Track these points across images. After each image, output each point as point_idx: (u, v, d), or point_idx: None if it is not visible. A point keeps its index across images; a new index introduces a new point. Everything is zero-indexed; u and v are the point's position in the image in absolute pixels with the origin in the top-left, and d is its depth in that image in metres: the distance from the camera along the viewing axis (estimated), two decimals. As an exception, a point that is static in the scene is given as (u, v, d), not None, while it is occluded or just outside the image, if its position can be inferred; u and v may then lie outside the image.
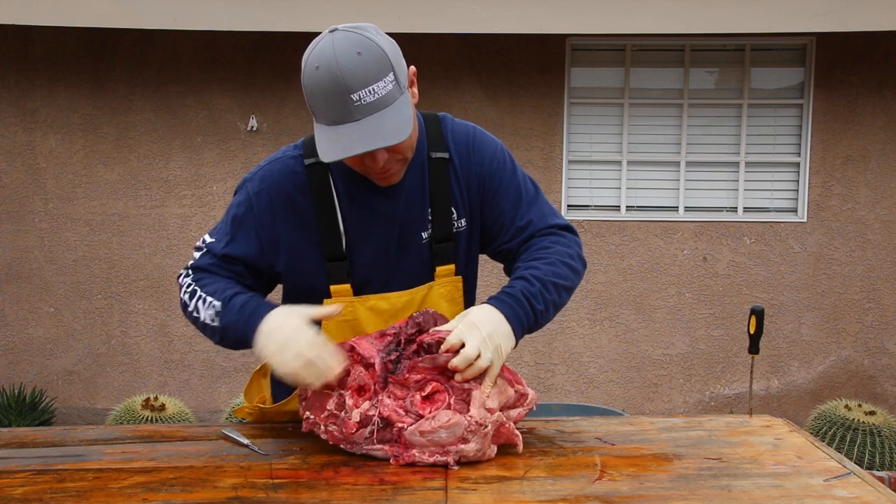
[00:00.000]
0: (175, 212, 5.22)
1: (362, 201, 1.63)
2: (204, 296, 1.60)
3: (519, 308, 1.54)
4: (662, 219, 5.22)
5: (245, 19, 4.62)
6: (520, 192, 1.70)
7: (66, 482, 1.41)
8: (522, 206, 1.69)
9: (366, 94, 1.42)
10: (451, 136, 1.68)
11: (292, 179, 1.63)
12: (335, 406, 1.53)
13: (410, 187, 1.64)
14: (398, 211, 1.64)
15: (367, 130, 1.43)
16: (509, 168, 1.71)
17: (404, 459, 1.46)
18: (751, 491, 1.34)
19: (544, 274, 1.59)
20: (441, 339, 1.48)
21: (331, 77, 1.41)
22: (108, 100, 5.18)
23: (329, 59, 1.42)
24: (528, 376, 5.13)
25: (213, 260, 1.65)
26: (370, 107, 1.43)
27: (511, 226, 1.68)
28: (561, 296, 1.61)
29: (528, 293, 1.56)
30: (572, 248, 1.67)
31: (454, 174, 1.67)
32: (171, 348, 5.29)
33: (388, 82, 1.44)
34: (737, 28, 4.69)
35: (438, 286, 1.68)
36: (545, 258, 1.62)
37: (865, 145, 5.14)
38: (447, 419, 1.45)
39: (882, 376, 5.25)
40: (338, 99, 1.42)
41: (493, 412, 1.47)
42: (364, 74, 1.42)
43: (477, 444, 1.46)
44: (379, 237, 1.64)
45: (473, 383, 1.48)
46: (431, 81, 5.11)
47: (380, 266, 1.66)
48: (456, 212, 1.67)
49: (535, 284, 1.57)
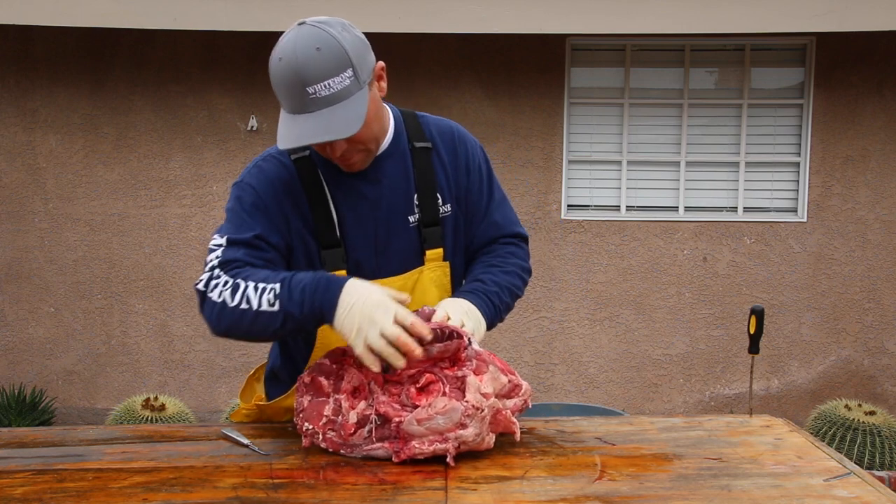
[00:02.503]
0: (175, 212, 5.23)
1: (348, 189, 1.70)
2: (253, 283, 1.53)
3: (485, 304, 1.70)
4: (662, 219, 5.22)
5: (245, 19, 4.62)
6: (492, 190, 1.84)
7: (66, 482, 1.41)
8: (493, 204, 1.84)
9: (321, 87, 1.49)
10: (432, 129, 1.78)
11: (284, 173, 1.69)
12: (332, 412, 1.53)
13: (393, 174, 1.71)
14: (383, 195, 1.71)
15: (319, 122, 1.51)
16: (487, 167, 1.85)
17: (405, 454, 1.46)
18: (751, 491, 1.34)
19: (501, 281, 1.76)
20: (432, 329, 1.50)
21: (290, 70, 1.50)
22: (108, 100, 5.18)
23: (290, 52, 1.50)
24: (528, 376, 5.13)
25: (242, 250, 1.59)
26: (325, 100, 1.50)
27: (482, 220, 1.82)
28: (512, 302, 1.79)
29: (487, 292, 1.72)
30: (526, 260, 1.86)
31: (439, 162, 1.77)
32: (171, 348, 5.29)
33: (346, 78, 1.51)
34: (737, 28, 4.69)
35: (429, 270, 1.75)
36: (504, 266, 1.79)
37: (865, 145, 5.14)
38: (443, 405, 1.45)
39: (882, 376, 5.25)
40: (295, 91, 1.51)
41: (488, 397, 1.48)
42: (321, 69, 1.49)
43: (476, 429, 1.46)
44: (368, 222, 1.70)
45: (467, 370, 1.49)
46: (431, 81, 5.11)
47: (370, 250, 1.71)
48: (441, 197, 1.76)
49: (493, 287, 1.73)
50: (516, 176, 5.16)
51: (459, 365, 1.51)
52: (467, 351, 1.51)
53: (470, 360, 1.51)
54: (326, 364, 1.57)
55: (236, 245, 1.60)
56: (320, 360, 1.58)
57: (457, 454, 1.46)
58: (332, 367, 1.56)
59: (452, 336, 1.51)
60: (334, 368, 1.56)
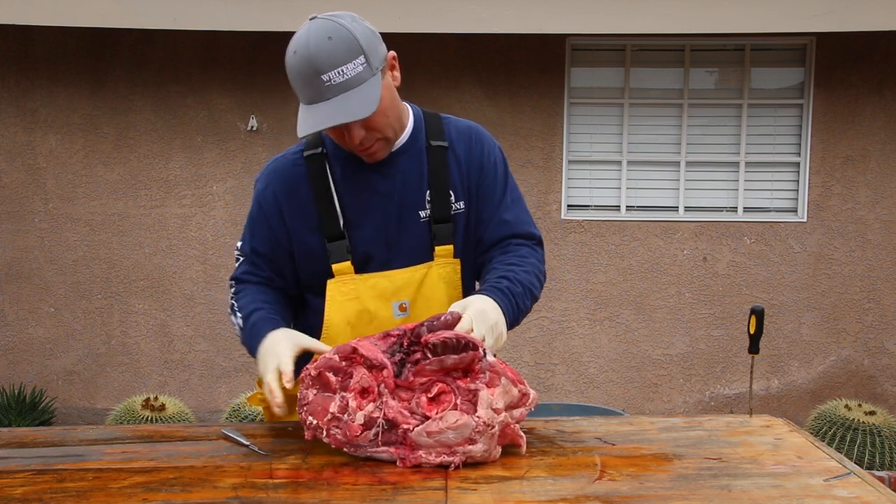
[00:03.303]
0: (175, 212, 5.23)
1: (360, 183, 1.74)
2: (236, 310, 1.78)
3: (509, 304, 1.66)
4: (662, 219, 5.22)
5: (245, 19, 4.62)
6: (506, 190, 1.84)
7: (66, 482, 1.41)
8: (507, 202, 1.83)
9: (335, 74, 1.55)
10: (452, 129, 1.81)
11: (293, 171, 1.77)
12: (338, 409, 1.51)
13: (407, 169, 1.75)
14: (395, 190, 1.74)
15: (336, 107, 1.56)
16: (504, 167, 1.86)
17: (410, 461, 1.45)
18: (751, 491, 1.34)
19: (524, 281, 1.72)
20: (446, 339, 1.48)
21: (304, 60, 1.56)
22: (108, 100, 5.18)
23: (303, 44, 1.57)
24: (528, 376, 5.13)
25: (246, 266, 1.82)
26: (340, 87, 1.56)
27: (494, 217, 1.81)
28: (531, 303, 1.76)
29: (514, 293, 1.68)
30: (542, 264, 1.84)
31: (454, 160, 1.79)
32: (171, 348, 5.29)
33: (359, 64, 1.57)
34: (737, 28, 4.69)
35: (438, 266, 1.76)
36: (523, 266, 1.75)
37: (865, 145, 5.14)
38: (455, 420, 1.44)
39: (882, 376, 5.26)
40: (310, 80, 1.56)
41: (499, 413, 1.47)
42: (333, 57, 1.55)
43: (484, 445, 1.45)
44: (378, 215, 1.74)
45: (480, 384, 1.48)
46: (431, 81, 5.11)
47: (380, 243, 1.74)
48: (454, 194, 1.77)
49: (518, 287, 1.70)
50: (516, 176, 5.08)
51: (473, 377, 1.49)
52: (481, 363, 1.50)
53: (483, 372, 1.49)
54: (335, 360, 1.54)
55: (243, 259, 1.83)
56: (328, 356, 1.56)
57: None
58: (342, 363, 1.54)
59: (468, 347, 1.48)
60: (343, 365, 1.54)
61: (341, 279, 1.73)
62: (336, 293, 1.73)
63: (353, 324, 1.73)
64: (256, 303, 1.75)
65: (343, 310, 1.73)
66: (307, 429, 1.55)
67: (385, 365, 1.50)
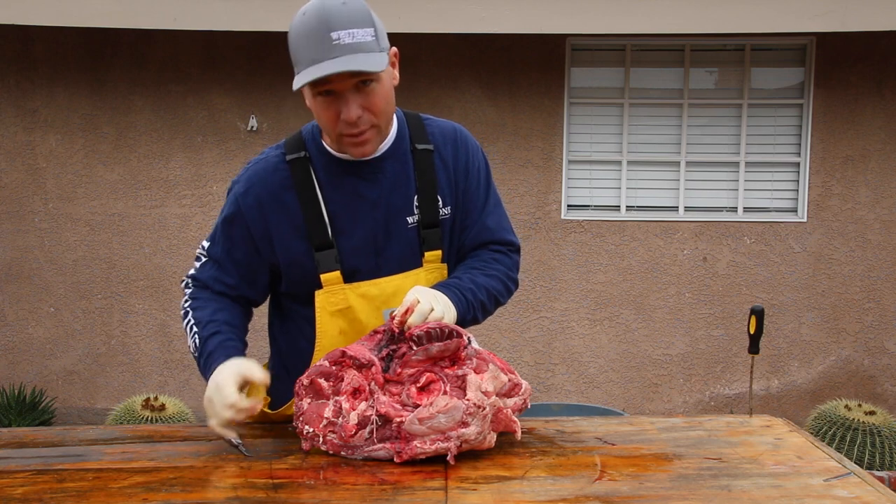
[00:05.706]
0: (175, 212, 5.23)
1: (346, 189, 1.69)
2: (191, 323, 1.72)
3: (455, 297, 1.66)
4: (662, 219, 5.22)
5: (245, 19, 4.62)
6: (488, 194, 1.82)
7: (66, 482, 1.41)
8: (489, 208, 1.81)
9: (346, 35, 1.49)
10: (436, 131, 1.77)
11: (276, 176, 1.69)
12: (332, 413, 1.52)
13: (394, 174, 1.71)
14: (382, 196, 1.70)
15: (342, 63, 1.50)
16: (486, 171, 1.83)
17: (407, 454, 1.46)
18: (751, 491, 1.34)
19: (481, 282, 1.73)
20: (430, 329, 1.50)
21: (315, 17, 1.50)
22: (108, 100, 5.18)
23: (316, 5, 1.52)
24: (528, 376, 5.13)
25: (213, 271, 1.74)
26: (348, 47, 1.50)
27: (475, 223, 1.79)
28: (490, 304, 1.76)
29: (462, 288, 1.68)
30: (513, 271, 1.83)
31: (441, 163, 1.75)
32: (171, 348, 5.29)
33: (369, 34, 1.52)
34: (737, 28, 4.69)
35: (426, 272, 1.73)
36: (485, 270, 1.76)
37: (865, 145, 5.14)
38: (445, 403, 1.45)
39: (882, 376, 5.26)
40: (320, 37, 1.49)
41: (489, 395, 1.48)
42: (347, 17, 1.50)
43: (477, 427, 1.46)
44: (366, 223, 1.69)
45: (467, 369, 1.49)
46: (431, 81, 5.11)
47: (369, 252, 1.70)
48: (441, 199, 1.74)
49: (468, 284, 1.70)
50: (516, 176, 5.16)
51: (460, 364, 1.51)
52: (467, 350, 1.51)
53: (470, 358, 1.51)
54: (325, 366, 1.56)
55: (210, 263, 1.75)
56: (319, 363, 1.58)
57: (457, 454, 1.46)
58: (332, 368, 1.56)
59: (452, 335, 1.51)
60: (333, 370, 1.56)
61: (330, 289, 1.68)
62: (325, 304, 1.69)
63: (345, 332, 1.70)
64: (216, 324, 1.70)
65: (334, 320, 1.69)
66: (305, 439, 1.55)
67: (373, 361, 1.52)
